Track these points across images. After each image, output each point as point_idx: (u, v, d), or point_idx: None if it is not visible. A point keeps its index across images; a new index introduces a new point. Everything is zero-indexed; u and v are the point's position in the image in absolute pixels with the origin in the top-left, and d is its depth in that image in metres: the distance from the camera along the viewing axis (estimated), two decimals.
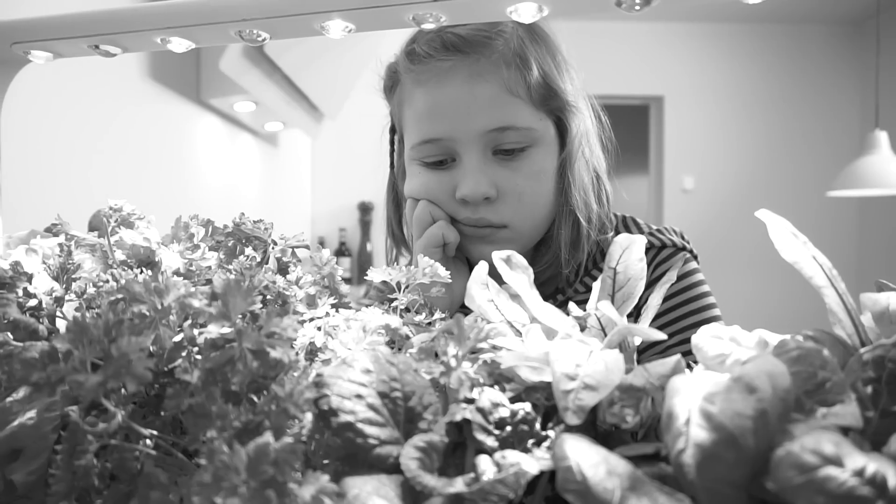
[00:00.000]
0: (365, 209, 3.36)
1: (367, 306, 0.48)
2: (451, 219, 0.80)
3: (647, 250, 0.81)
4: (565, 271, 0.81)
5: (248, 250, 0.51)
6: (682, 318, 0.81)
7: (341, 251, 3.34)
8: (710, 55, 4.87)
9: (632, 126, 5.59)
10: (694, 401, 0.29)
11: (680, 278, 0.83)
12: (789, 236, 0.34)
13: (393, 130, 0.91)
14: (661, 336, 0.36)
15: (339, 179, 3.40)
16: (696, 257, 0.86)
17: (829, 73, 4.85)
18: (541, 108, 0.78)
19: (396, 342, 0.44)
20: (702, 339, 0.35)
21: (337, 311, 0.46)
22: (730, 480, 0.26)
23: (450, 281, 0.48)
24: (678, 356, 0.35)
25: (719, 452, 0.26)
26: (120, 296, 0.37)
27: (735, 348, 0.34)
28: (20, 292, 0.41)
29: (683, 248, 0.85)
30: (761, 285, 4.75)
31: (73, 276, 0.44)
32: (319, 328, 0.43)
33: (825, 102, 4.85)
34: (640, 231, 0.87)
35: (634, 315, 0.63)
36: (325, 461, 0.35)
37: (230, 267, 0.45)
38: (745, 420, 0.27)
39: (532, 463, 0.30)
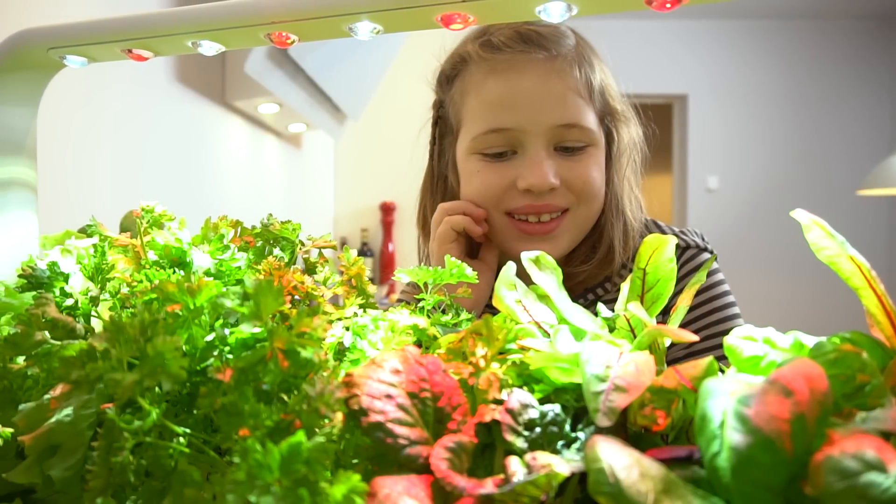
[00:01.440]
0: (387, 210, 3.37)
1: (394, 306, 0.48)
2: (507, 213, 0.80)
3: None
4: (617, 264, 0.84)
5: (276, 251, 0.52)
6: (703, 318, 0.83)
7: (363, 251, 3.36)
8: (735, 52, 4.79)
9: (655, 125, 5.53)
10: (728, 403, 0.28)
11: (707, 288, 0.84)
12: (826, 236, 0.34)
13: (436, 123, 0.91)
14: (693, 338, 0.36)
15: (361, 180, 3.42)
16: (715, 258, 0.87)
17: (858, 69, 4.75)
18: (597, 114, 0.81)
19: (424, 342, 0.44)
20: (735, 340, 0.34)
21: (364, 311, 0.47)
22: (766, 484, 0.26)
23: (476, 282, 0.48)
24: (710, 358, 0.34)
25: (755, 456, 0.26)
26: (154, 296, 0.38)
27: (770, 350, 0.33)
28: (57, 292, 0.42)
29: (705, 249, 0.86)
30: (787, 286, 4.68)
31: (108, 277, 0.45)
32: (347, 328, 0.43)
33: (854, 99, 4.75)
34: (663, 233, 0.88)
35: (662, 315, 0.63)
36: (355, 461, 0.35)
37: (259, 267, 0.46)
38: (782, 423, 0.26)
39: (563, 464, 0.30)
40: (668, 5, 0.39)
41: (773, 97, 4.78)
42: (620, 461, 0.28)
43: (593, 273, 0.85)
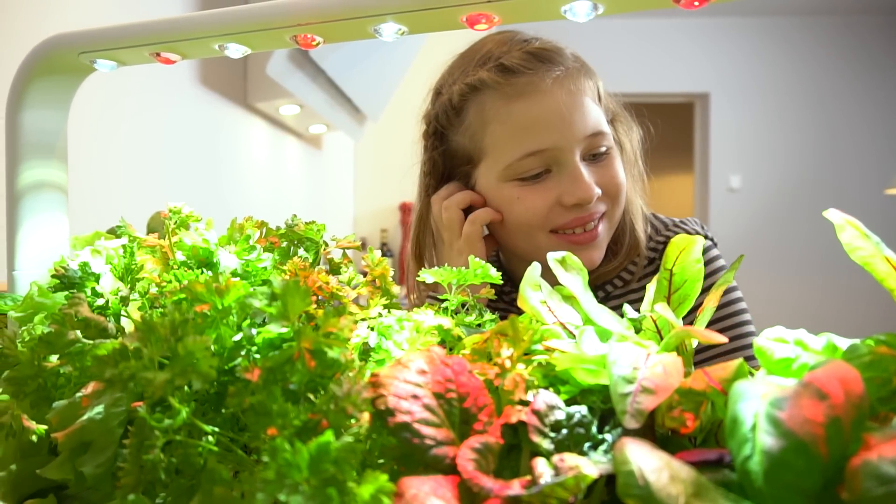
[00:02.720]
0: (406, 210, 3.39)
1: (418, 306, 0.48)
2: (551, 231, 0.81)
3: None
4: (642, 252, 0.86)
5: (301, 251, 0.52)
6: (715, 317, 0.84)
7: (383, 252, 3.37)
8: (759, 50, 4.73)
9: (676, 124, 5.49)
10: (760, 406, 0.28)
11: (708, 275, 0.86)
12: (860, 237, 0.33)
13: (431, 157, 0.89)
14: (722, 339, 0.35)
15: (380, 181, 3.44)
16: (716, 245, 0.90)
17: (885, 65, 4.65)
18: (606, 117, 0.84)
19: (448, 343, 0.44)
20: (766, 342, 0.34)
21: (389, 311, 0.47)
22: (800, 489, 0.25)
23: (501, 283, 0.48)
24: (740, 360, 0.34)
25: (789, 460, 0.25)
26: (183, 296, 0.38)
27: (801, 352, 0.32)
28: (89, 292, 0.43)
29: (705, 237, 0.88)
30: (809, 287, 4.60)
31: (137, 277, 0.46)
32: (372, 328, 0.43)
33: (881, 96, 4.66)
34: (664, 224, 0.91)
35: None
36: (381, 461, 0.35)
37: (285, 268, 0.46)
38: (817, 427, 0.26)
39: (591, 466, 0.30)
40: (697, 3, 0.38)
41: (796, 95, 4.70)
42: (650, 464, 0.28)
43: (614, 267, 0.87)
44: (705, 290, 0.83)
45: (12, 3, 1.25)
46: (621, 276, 0.87)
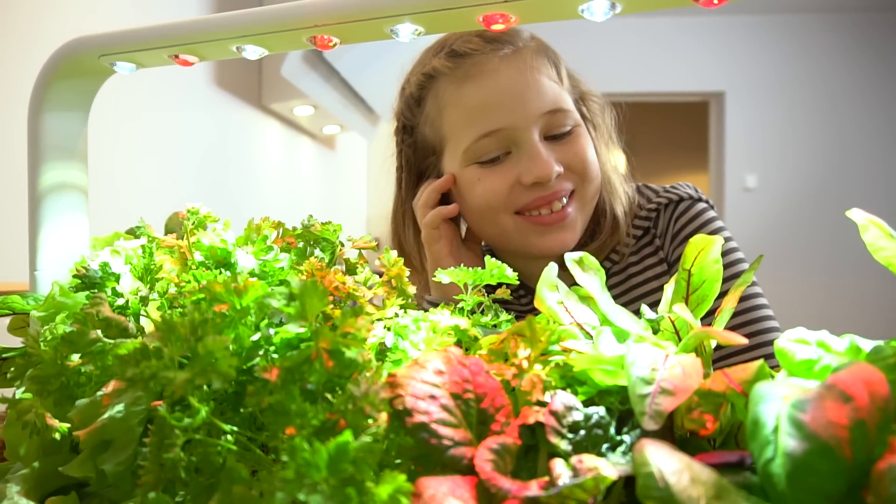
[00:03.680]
0: None
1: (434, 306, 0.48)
2: (516, 213, 0.81)
3: (666, 206, 0.87)
4: (622, 232, 0.85)
5: (317, 251, 0.53)
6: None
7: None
8: (775, 48, 4.68)
9: (691, 123, 5.44)
10: (782, 408, 0.28)
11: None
12: (884, 237, 0.33)
13: (401, 151, 0.92)
14: (742, 341, 0.35)
15: (394, 181, 3.45)
16: (712, 207, 0.89)
17: None
18: (572, 97, 0.83)
19: (464, 343, 0.44)
20: (787, 343, 0.33)
21: (405, 311, 0.47)
22: (823, 492, 0.25)
23: (516, 283, 0.48)
24: (761, 361, 0.34)
25: (812, 463, 0.25)
26: (202, 296, 0.38)
27: (824, 354, 0.32)
28: (109, 291, 0.43)
29: (700, 199, 0.87)
30: (828, 288, 4.54)
31: (156, 277, 0.46)
32: (389, 328, 0.43)
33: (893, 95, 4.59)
34: (656, 192, 0.90)
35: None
36: (398, 461, 0.35)
37: (301, 268, 0.46)
38: (841, 430, 0.25)
39: (610, 468, 0.30)
40: (715, 1, 0.38)
41: (816, 93, 4.65)
42: (670, 465, 0.27)
43: (597, 248, 0.85)
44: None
45: (13, 3, 1.26)
46: (618, 250, 0.87)
